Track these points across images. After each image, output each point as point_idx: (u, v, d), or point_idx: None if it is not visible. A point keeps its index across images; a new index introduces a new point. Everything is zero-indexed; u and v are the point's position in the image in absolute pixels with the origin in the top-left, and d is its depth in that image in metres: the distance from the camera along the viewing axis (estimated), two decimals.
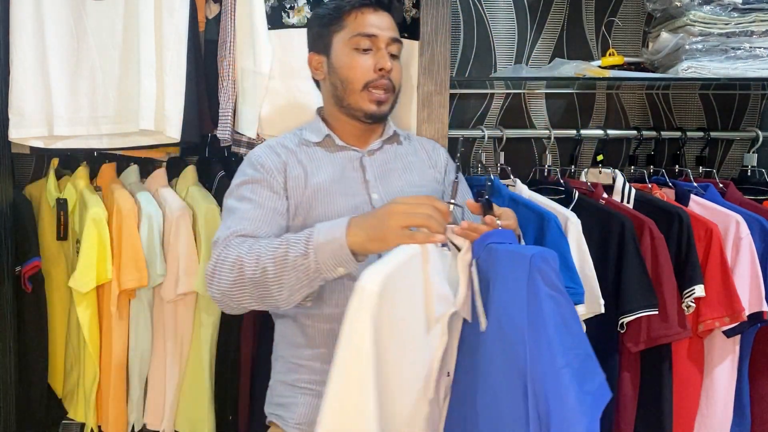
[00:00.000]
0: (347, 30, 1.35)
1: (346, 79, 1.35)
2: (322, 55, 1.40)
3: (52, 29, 1.72)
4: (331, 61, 1.37)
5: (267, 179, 1.31)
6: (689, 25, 1.73)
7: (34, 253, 1.80)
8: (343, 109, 1.38)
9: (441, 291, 1.06)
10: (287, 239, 1.14)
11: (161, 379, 1.83)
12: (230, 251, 1.18)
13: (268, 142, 1.41)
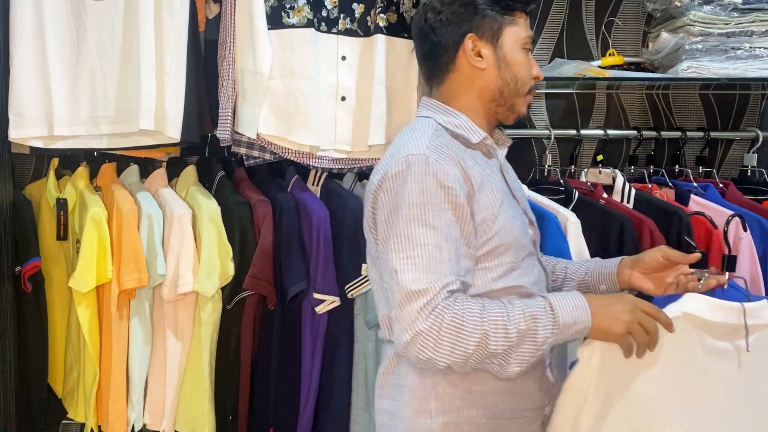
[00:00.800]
0: (519, 28, 1.24)
1: (520, 79, 1.23)
2: (487, 42, 1.21)
3: (52, 29, 1.72)
4: (503, 54, 1.22)
5: (451, 199, 1.10)
6: (689, 25, 1.73)
7: (34, 253, 1.80)
8: (499, 107, 1.24)
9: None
10: (531, 314, 1.08)
11: (161, 379, 1.83)
12: (460, 320, 1.05)
13: (431, 141, 1.15)
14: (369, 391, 1.81)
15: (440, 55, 1.22)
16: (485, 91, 1.23)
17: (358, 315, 1.82)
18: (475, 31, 1.21)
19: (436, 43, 1.22)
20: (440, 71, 1.24)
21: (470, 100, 1.23)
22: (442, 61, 1.23)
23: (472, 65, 1.21)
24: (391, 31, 1.75)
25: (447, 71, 1.23)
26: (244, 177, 1.91)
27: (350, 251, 1.76)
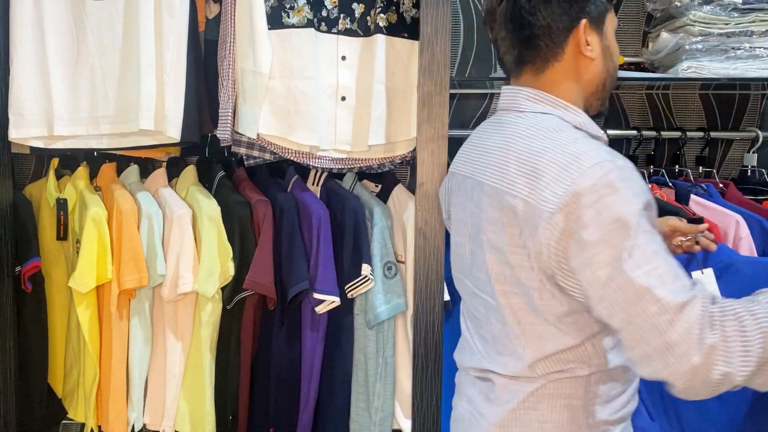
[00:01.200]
0: (613, 18, 1.17)
1: (615, 69, 1.18)
2: (594, 29, 1.13)
3: (52, 29, 1.72)
4: (607, 43, 1.15)
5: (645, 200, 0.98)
6: (689, 25, 1.73)
7: (34, 253, 1.80)
8: (597, 100, 1.18)
9: None
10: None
11: (161, 379, 1.83)
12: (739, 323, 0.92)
13: (592, 143, 1.04)
14: (369, 391, 1.81)
15: (545, 41, 1.11)
16: (591, 82, 1.15)
17: (358, 315, 1.82)
18: (586, 16, 1.11)
19: (542, 27, 1.10)
20: (542, 59, 1.13)
21: (573, 92, 1.14)
22: (547, 47, 1.12)
23: (580, 53, 1.12)
24: (391, 31, 1.75)
25: (551, 59, 1.12)
26: (244, 177, 1.91)
27: (350, 251, 1.76)
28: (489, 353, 1.17)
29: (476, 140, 1.23)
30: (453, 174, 1.30)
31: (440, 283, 1.66)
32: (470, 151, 1.23)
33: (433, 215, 1.65)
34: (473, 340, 1.23)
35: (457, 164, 1.28)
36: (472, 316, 1.23)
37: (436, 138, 1.64)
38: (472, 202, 1.16)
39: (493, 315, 1.14)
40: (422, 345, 1.67)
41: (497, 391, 1.15)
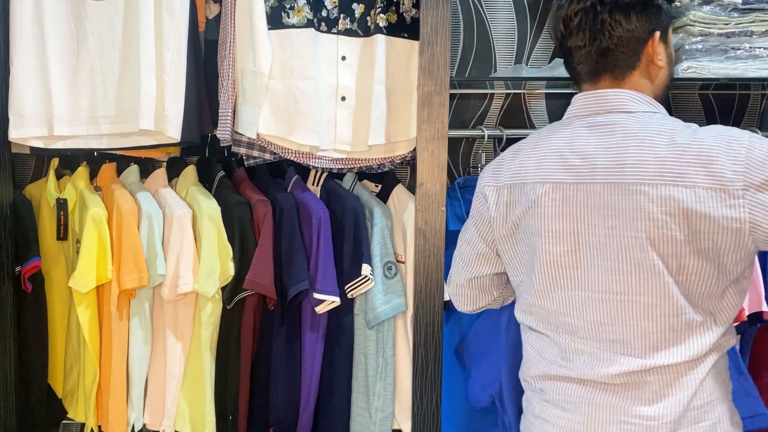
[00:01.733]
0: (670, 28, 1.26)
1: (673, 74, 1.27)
2: (663, 41, 1.21)
3: (52, 29, 1.72)
4: (670, 51, 1.24)
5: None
6: (689, 25, 1.73)
7: (34, 253, 1.80)
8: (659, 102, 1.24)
9: None
10: None
11: (161, 379, 1.83)
12: None
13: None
14: (369, 391, 1.81)
15: (624, 52, 1.17)
16: (658, 87, 1.22)
17: (358, 315, 1.82)
18: (659, 28, 1.18)
19: (621, 39, 1.16)
20: (620, 68, 1.18)
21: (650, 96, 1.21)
22: (626, 57, 1.18)
23: (652, 62, 1.19)
24: (391, 31, 1.75)
25: (629, 68, 1.18)
26: (244, 177, 1.91)
27: (350, 251, 1.77)
28: (636, 352, 1.14)
29: (568, 144, 1.19)
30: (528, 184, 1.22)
31: (440, 283, 1.66)
32: (563, 156, 1.19)
33: (433, 215, 1.65)
34: (589, 348, 1.18)
35: (537, 172, 1.21)
36: (587, 322, 1.17)
37: (436, 138, 1.64)
38: (591, 207, 1.15)
39: (640, 312, 1.13)
40: (422, 345, 1.68)
41: (661, 388, 1.14)
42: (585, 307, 1.17)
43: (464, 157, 2.08)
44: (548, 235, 1.19)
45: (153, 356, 1.83)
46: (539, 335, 1.25)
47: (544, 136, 1.25)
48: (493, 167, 1.31)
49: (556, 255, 1.19)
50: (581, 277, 1.17)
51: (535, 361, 1.26)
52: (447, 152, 1.65)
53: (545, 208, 1.19)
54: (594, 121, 1.18)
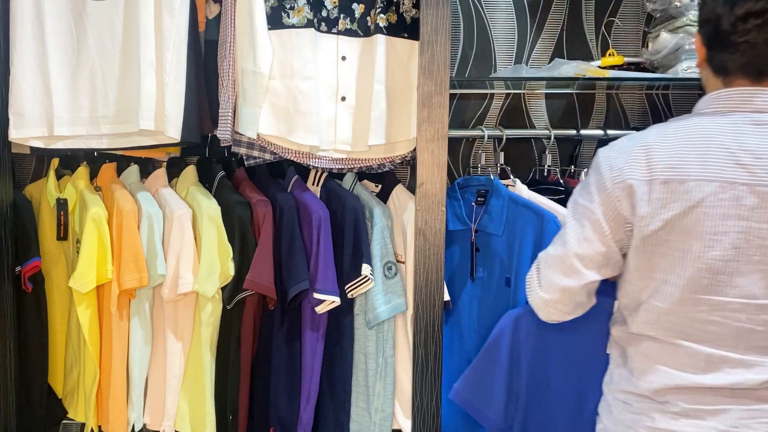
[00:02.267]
0: None
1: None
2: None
3: (52, 29, 1.72)
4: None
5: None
6: (689, 26, 1.73)
7: (34, 253, 1.80)
8: None
9: None
10: None
11: (161, 379, 1.83)
12: None
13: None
14: (369, 391, 1.81)
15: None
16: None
17: (358, 315, 1.82)
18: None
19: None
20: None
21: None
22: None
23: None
24: (391, 31, 1.75)
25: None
26: (244, 177, 1.91)
27: (350, 251, 1.77)
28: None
29: (735, 140, 1.14)
30: (692, 181, 1.14)
31: (440, 283, 1.66)
32: (731, 153, 1.13)
33: (433, 215, 1.65)
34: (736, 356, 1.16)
35: (703, 169, 1.14)
36: (737, 330, 1.15)
37: (436, 138, 1.64)
38: (764, 211, 1.11)
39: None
40: (422, 345, 1.68)
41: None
42: (738, 314, 1.13)
43: (464, 157, 2.08)
44: (710, 237, 1.13)
45: (153, 356, 1.84)
46: (665, 345, 1.20)
47: (695, 126, 1.18)
48: (633, 157, 1.20)
49: (714, 259, 1.13)
50: (740, 284, 1.13)
51: (655, 373, 1.20)
52: (447, 152, 1.65)
53: (711, 208, 1.12)
54: (761, 118, 1.14)
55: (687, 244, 1.14)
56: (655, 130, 1.23)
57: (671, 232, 1.15)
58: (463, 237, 1.83)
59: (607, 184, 1.20)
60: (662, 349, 1.20)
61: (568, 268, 1.25)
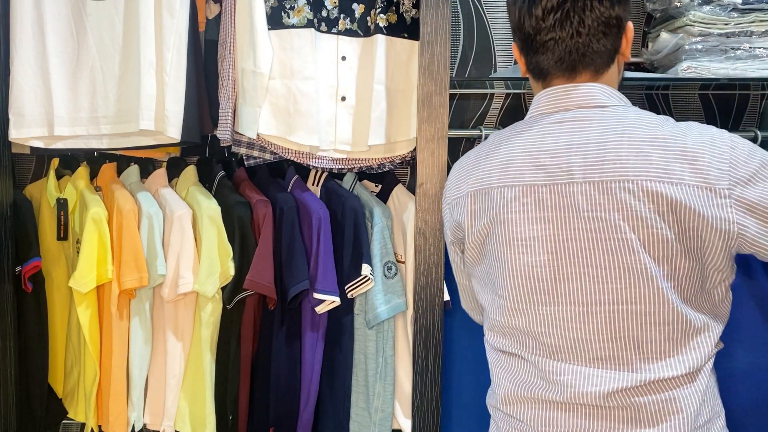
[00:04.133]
0: None
1: None
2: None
3: (52, 29, 1.72)
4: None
5: None
6: (689, 26, 1.73)
7: (35, 253, 1.80)
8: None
9: None
10: None
11: (161, 379, 1.83)
12: None
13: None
14: (369, 391, 1.82)
15: (609, 43, 1.11)
16: (619, 83, 1.18)
17: (358, 315, 1.82)
18: (629, 17, 1.13)
19: (611, 29, 1.10)
20: (603, 61, 1.12)
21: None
22: (612, 49, 1.12)
23: (623, 54, 1.15)
24: (391, 31, 1.75)
25: (610, 60, 1.13)
26: (244, 177, 1.91)
27: (350, 251, 1.77)
28: (631, 368, 1.04)
29: (536, 143, 1.11)
30: (495, 188, 1.13)
31: (440, 283, 1.66)
32: (531, 155, 1.11)
33: (433, 215, 1.65)
34: (575, 368, 1.07)
35: (504, 175, 1.12)
36: (571, 340, 1.07)
37: (436, 138, 1.64)
38: (569, 210, 1.06)
39: (632, 323, 1.04)
40: (422, 345, 1.68)
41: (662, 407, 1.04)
42: (567, 323, 1.07)
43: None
44: (520, 244, 1.09)
45: (153, 356, 1.84)
46: (513, 358, 1.15)
47: (506, 137, 1.17)
48: (454, 178, 1.23)
49: (530, 266, 1.08)
50: (561, 290, 1.07)
51: (508, 387, 1.15)
52: (447, 152, 1.65)
53: (516, 213, 1.09)
54: (564, 116, 1.10)
55: (500, 253, 1.11)
56: (485, 142, 1.24)
57: (487, 242, 1.14)
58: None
59: (443, 208, 1.29)
60: (510, 361, 1.16)
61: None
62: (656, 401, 1.03)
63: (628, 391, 1.04)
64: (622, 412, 1.04)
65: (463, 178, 1.20)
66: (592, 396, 1.05)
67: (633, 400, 1.04)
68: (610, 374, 1.04)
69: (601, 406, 1.05)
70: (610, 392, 1.04)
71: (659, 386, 1.03)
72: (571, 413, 1.07)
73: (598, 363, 1.05)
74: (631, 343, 1.04)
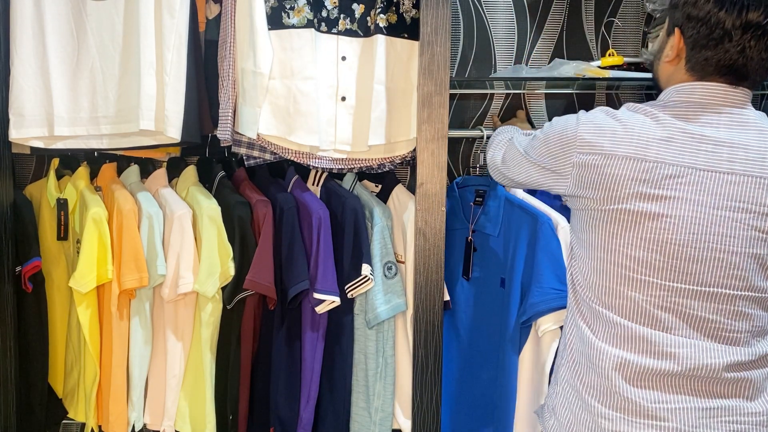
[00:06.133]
0: None
1: None
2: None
3: (52, 29, 1.73)
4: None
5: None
6: None
7: (35, 253, 1.80)
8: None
9: None
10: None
11: (161, 379, 1.83)
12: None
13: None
14: (369, 391, 1.81)
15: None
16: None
17: (358, 315, 1.82)
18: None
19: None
20: (762, 80, 1.23)
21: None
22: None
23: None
24: (391, 31, 1.75)
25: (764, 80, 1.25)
26: (244, 177, 1.91)
27: (350, 251, 1.77)
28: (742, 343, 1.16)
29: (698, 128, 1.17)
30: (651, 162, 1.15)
31: (440, 283, 1.66)
32: (694, 138, 1.16)
33: (433, 215, 1.65)
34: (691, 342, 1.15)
35: (665, 151, 1.16)
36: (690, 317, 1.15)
37: (436, 138, 1.64)
38: (722, 198, 1.14)
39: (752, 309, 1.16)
40: (422, 345, 1.68)
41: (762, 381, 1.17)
42: (688, 300, 1.14)
43: (464, 157, 2.09)
44: (668, 221, 1.14)
45: (153, 356, 1.84)
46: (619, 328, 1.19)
47: (661, 111, 1.20)
48: (599, 125, 1.22)
49: (671, 243, 1.14)
50: (691, 269, 1.14)
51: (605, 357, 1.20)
52: (447, 152, 1.65)
53: (671, 190, 1.14)
54: (723, 111, 1.18)
55: (644, 225, 1.18)
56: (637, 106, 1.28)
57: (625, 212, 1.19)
58: (460, 237, 1.83)
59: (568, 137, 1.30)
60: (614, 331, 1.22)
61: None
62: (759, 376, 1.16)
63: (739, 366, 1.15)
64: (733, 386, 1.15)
65: (617, 136, 1.19)
66: (708, 368, 1.14)
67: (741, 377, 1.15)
68: (725, 349, 1.15)
69: (713, 378, 1.14)
70: (725, 365, 1.14)
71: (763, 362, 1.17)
72: (686, 383, 1.15)
73: (712, 340, 1.15)
74: (745, 325, 1.15)
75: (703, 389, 1.15)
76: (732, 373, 1.14)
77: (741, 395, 1.14)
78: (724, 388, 1.15)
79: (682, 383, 1.15)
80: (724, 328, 1.14)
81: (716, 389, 1.15)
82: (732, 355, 1.14)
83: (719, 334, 1.15)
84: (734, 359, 1.14)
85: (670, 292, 1.15)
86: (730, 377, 1.14)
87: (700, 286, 1.14)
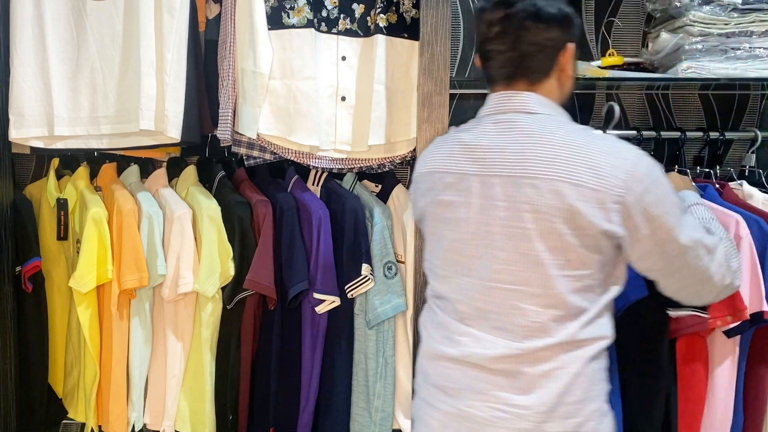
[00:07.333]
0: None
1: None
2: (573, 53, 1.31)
3: (52, 29, 1.73)
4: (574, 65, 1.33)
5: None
6: (689, 26, 1.73)
7: (35, 253, 1.80)
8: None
9: None
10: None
11: (161, 379, 1.83)
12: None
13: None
14: (369, 391, 1.81)
15: (540, 59, 1.24)
16: (564, 96, 1.31)
17: (358, 315, 1.82)
18: (572, 39, 1.27)
19: (540, 47, 1.23)
20: (535, 74, 1.25)
21: (557, 101, 1.30)
22: (541, 64, 1.25)
23: (564, 71, 1.27)
24: (390, 31, 1.75)
25: (546, 73, 1.25)
26: (244, 177, 1.91)
27: (350, 251, 1.77)
28: (516, 339, 1.20)
29: (476, 139, 1.27)
30: (437, 173, 1.31)
31: None
32: (470, 149, 1.26)
33: None
34: (474, 333, 1.23)
35: (446, 163, 1.30)
36: (475, 309, 1.24)
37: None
38: (490, 199, 1.21)
39: (524, 302, 1.19)
40: None
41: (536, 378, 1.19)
42: (474, 293, 1.23)
43: None
44: (451, 223, 1.26)
45: (153, 356, 1.84)
46: (439, 318, 1.30)
47: (461, 130, 1.34)
48: (422, 155, 1.40)
49: (455, 242, 1.26)
50: (474, 265, 1.23)
51: (427, 343, 1.32)
52: None
53: (450, 196, 1.27)
54: (499, 118, 1.26)
55: (438, 228, 1.29)
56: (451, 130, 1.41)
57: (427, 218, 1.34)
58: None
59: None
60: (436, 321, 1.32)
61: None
62: (532, 372, 1.18)
63: (511, 359, 1.19)
64: (504, 377, 1.19)
65: (422, 158, 1.38)
66: (483, 358, 1.21)
67: (513, 370, 1.19)
68: (499, 342, 1.20)
69: (488, 368, 1.20)
70: (496, 357, 1.19)
71: (536, 357, 1.18)
72: (464, 369, 1.23)
73: (493, 332, 1.21)
74: (521, 320, 1.19)
75: (478, 376, 1.21)
76: (499, 365, 1.19)
77: (511, 387, 1.19)
78: (494, 377, 1.20)
79: (463, 367, 1.23)
80: (504, 321, 1.20)
81: (488, 377, 1.20)
82: (499, 348, 1.19)
83: (500, 326, 1.20)
84: (500, 352, 1.19)
85: (462, 286, 1.25)
86: (498, 369, 1.19)
87: (483, 281, 1.22)
